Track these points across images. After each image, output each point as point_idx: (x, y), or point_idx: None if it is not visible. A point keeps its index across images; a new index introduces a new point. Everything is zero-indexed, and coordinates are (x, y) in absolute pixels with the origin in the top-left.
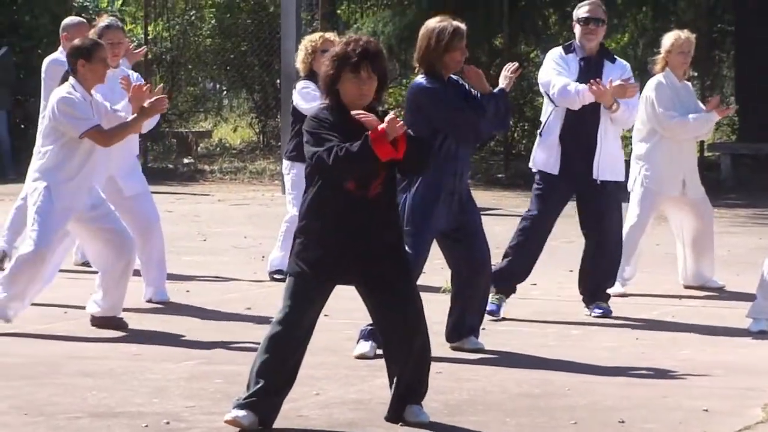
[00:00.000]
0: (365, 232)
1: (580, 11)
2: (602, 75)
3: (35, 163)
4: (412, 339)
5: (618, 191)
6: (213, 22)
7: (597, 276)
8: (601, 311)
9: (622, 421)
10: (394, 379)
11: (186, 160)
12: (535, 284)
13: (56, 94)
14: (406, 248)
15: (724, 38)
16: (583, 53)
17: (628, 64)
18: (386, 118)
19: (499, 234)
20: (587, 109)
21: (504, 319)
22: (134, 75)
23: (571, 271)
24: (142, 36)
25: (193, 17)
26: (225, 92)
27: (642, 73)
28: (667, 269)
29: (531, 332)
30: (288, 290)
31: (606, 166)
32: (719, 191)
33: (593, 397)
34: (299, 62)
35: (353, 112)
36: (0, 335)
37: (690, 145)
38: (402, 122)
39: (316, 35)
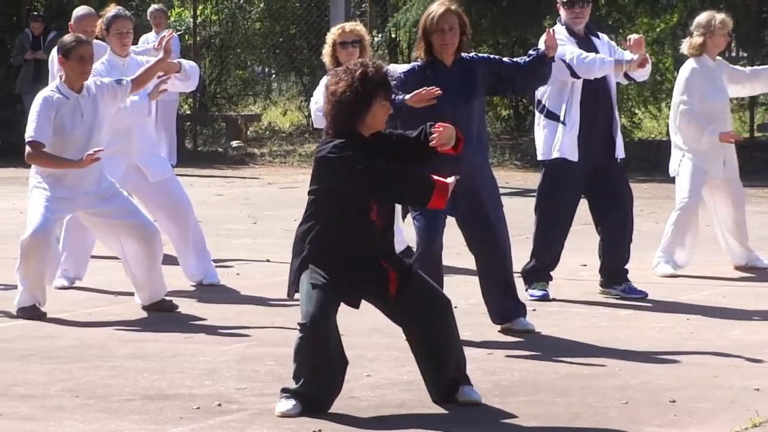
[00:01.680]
0: (377, 250)
1: None
2: (598, 52)
3: None
4: (439, 328)
5: (625, 168)
6: (262, 5)
7: (620, 256)
8: (637, 294)
9: (674, 401)
10: (436, 371)
11: (235, 144)
12: (585, 265)
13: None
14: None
15: None
16: (574, 35)
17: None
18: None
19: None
20: (599, 88)
21: (554, 299)
22: (144, 59)
23: None
24: (191, 20)
25: (241, 1)
26: (274, 76)
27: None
28: (717, 249)
29: (581, 313)
30: (311, 297)
31: (620, 143)
32: None
33: (644, 377)
34: (325, 55)
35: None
36: (51, 319)
37: (727, 126)
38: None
39: (337, 27)
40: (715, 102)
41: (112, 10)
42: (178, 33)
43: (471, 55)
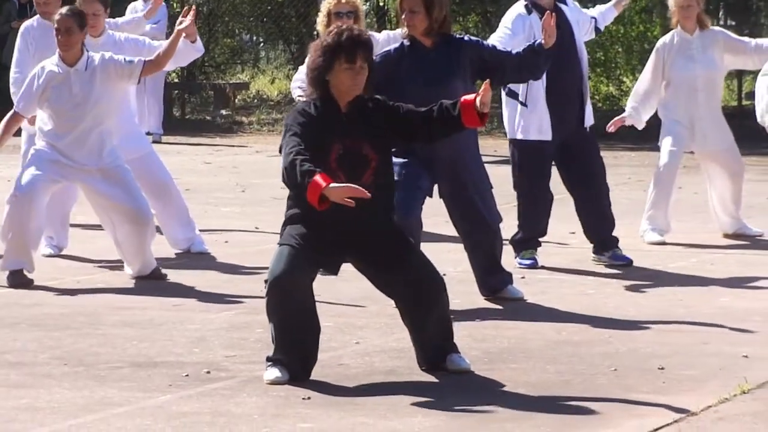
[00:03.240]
0: (357, 219)
1: None
2: (569, 24)
3: None
4: (431, 307)
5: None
6: None
7: (601, 221)
8: (622, 261)
9: (662, 368)
10: (425, 339)
11: (224, 112)
12: (573, 233)
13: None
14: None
15: None
16: (542, 7)
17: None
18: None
19: None
20: (566, 62)
21: (543, 267)
22: (122, 36)
23: None
24: None
25: None
26: (262, 44)
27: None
28: (705, 217)
29: (570, 281)
30: (280, 256)
31: (589, 111)
32: (758, 139)
33: (633, 345)
34: (319, 24)
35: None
36: (39, 287)
37: (700, 95)
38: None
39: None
40: (682, 73)
41: None
42: (166, 1)
43: (462, 36)
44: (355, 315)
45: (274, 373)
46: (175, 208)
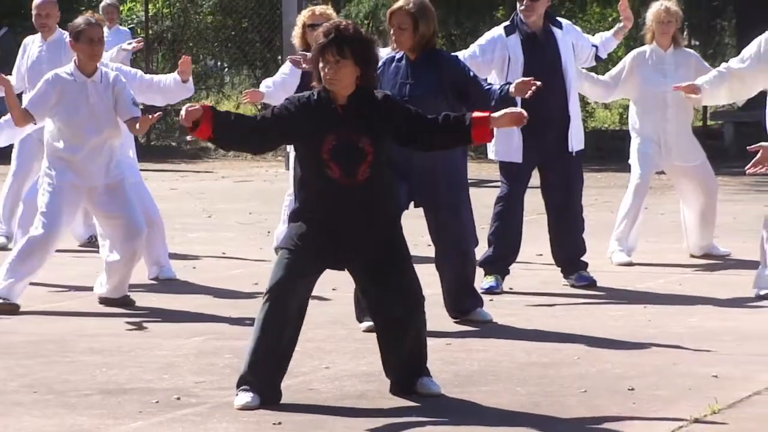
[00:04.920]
0: (355, 221)
1: None
2: (557, 47)
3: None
4: (409, 322)
5: (581, 160)
6: None
7: (570, 245)
8: (585, 281)
9: (632, 389)
10: (398, 359)
11: (189, 138)
12: (541, 255)
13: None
14: None
15: (725, 6)
16: (527, 30)
17: (573, 25)
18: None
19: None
20: (550, 84)
21: (511, 290)
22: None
23: None
24: (143, 14)
25: None
26: (226, 69)
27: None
28: (673, 238)
29: (539, 302)
30: (280, 262)
31: (575, 135)
32: (723, 159)
33: (602, 366)
34: (295, 37)
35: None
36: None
37: (670, 111)
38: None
39: (308, 10)
40: (653, 88)
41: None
42: (130, 27)
43: (448, 54)
44: (324, 339)
45: (245, 398)
46: (157, 237)
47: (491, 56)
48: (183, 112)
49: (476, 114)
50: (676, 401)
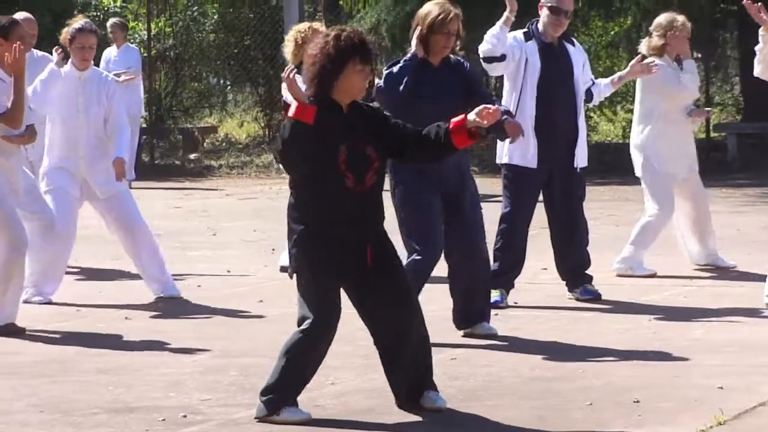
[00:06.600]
0: (362, 224)
1: None
2: (570, 60)
3: None
4: (410, 331)
5: (584, 174)
6: (216, 17)
7: (575, 258)
8: (590, 295)
9: (637, 401)
10: (403, 374)
11: (192, 156)
12: (545, 269)
13: None
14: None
15: (726, 19)
16: (544, 39)
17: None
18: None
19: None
20: (562, 95)
21: (516, 304)
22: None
23: None
24: (145, 33)
25: (195, 13)
26: (229, 87)
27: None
28: (677, 250)
29: (543, 316)
30: (310, 295)
31: (581, 152)
32: (726, 171)
33: (607, 379)
34: (289, 53)
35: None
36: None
37: (687, 125)
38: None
39: (303, 25)
40: (679, 94)
41: (78, 21)
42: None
43: (458, 59)
44: (329, 355)
45: (299, 413)
46: (146, 247)
47: (512, 53)
48: None
49: (453, 119)
50: (681, 413)
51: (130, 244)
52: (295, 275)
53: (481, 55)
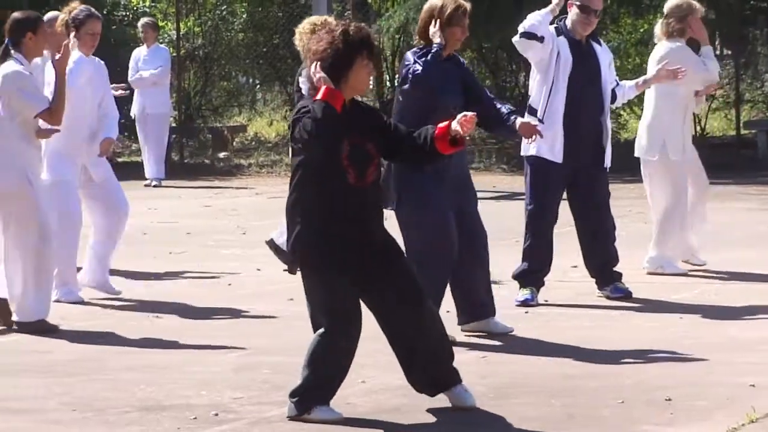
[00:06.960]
0: (364, 221)
1: None
2: (597, 59)
3: None
4: (424, 329)
5: (607, 171)
6: (244, 16)
7: (602, 255)
8: (621, 293)
9: (669, 399)
10: (421, 373)
11: (222, 155)
12: (575, 266)
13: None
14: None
15: (756, 15)
16: (572, 36)
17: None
18: None
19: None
20: (589, 93)
21: (546, 302)
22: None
23: None
24: (174, 33)
25: (224, 12)
26: (258, 86)
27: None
28: (710, 247)
29: (573, 314)
30: (319, 298)
31: (606, 151)
32: (756, 168)
33: (639, 377)
34: (301, 45)
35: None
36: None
37: (683, 104)
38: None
39: (317, 18)
40: (699, 87)
41: (78, 7)
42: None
43: (454, 53)
44: (359, 353)
45: (331, 412)
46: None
47: (549, 38)
48: None
49: (440, 125)
50: (713, 411)
51: (113, 226)
52: (299, 273)
53: (521, 30)
